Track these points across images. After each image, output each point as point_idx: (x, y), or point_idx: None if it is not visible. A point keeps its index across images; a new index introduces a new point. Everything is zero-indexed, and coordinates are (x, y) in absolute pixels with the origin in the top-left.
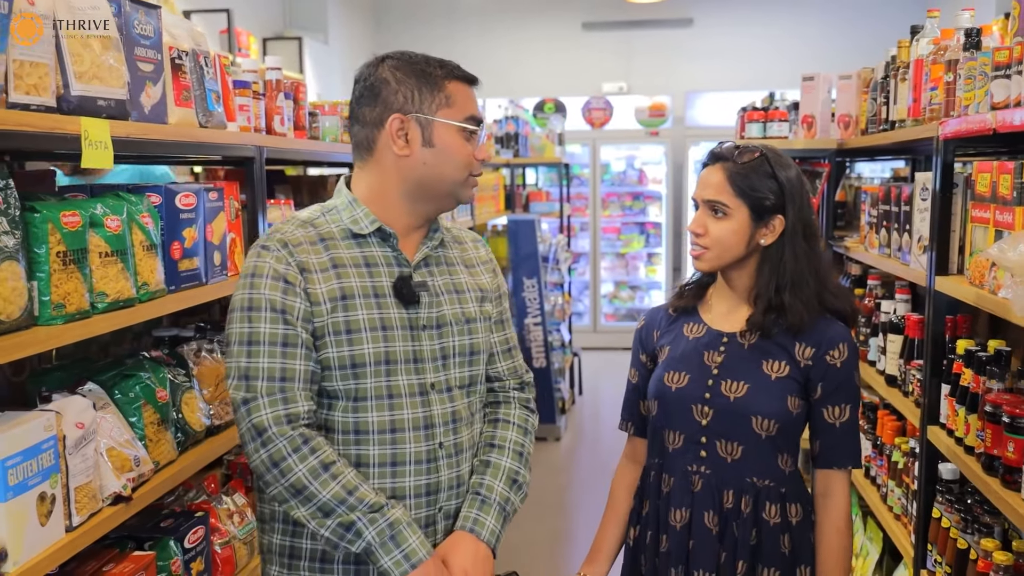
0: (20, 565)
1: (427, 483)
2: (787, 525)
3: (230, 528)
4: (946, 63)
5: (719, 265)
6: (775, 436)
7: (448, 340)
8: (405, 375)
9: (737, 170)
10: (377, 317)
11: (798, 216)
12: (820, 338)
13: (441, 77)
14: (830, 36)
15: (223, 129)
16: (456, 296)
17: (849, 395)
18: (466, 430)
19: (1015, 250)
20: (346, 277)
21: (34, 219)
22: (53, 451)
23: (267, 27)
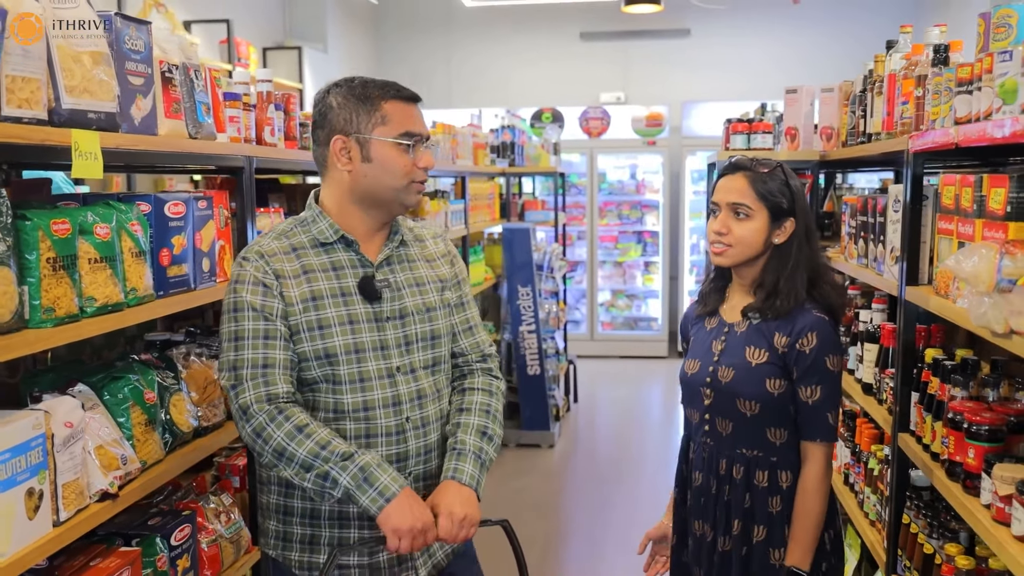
0: (7, 557)
1: (397, 452)
2: (777, 489)
3: (217, 527)
4: (916, 78)
5: (738, 261)
6: (759, 414)
7: (411, 328)
8: (374, 361)
9: (758, 177)
10: (345, 313)
11: (803, 219)
12: (793, 327)
13: (378, 98)
14: (826, 47)
15: (212, 140)
16: (417, 288)
17: (820, 377)
18: (432, 405)
19: (970, 261)
20: (315, 281)
21: (25, 226)
22: (41, 448)
23: (267, 37)
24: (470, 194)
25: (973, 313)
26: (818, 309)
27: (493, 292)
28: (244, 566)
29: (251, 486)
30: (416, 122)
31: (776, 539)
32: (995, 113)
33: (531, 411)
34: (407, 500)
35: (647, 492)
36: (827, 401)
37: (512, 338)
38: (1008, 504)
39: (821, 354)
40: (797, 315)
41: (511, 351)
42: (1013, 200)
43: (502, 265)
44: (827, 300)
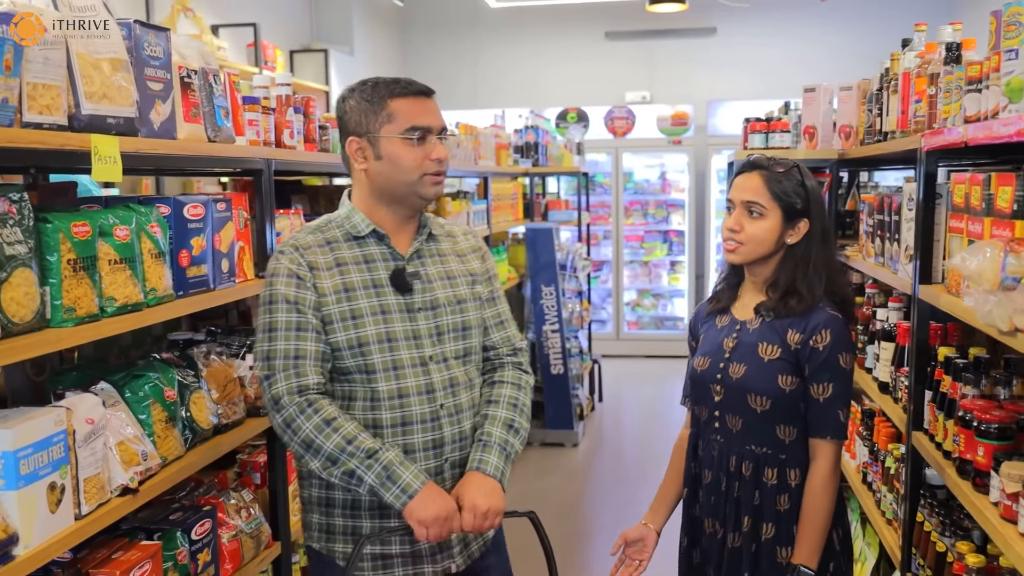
0: (31, 549)
1: (432, 439)
2: (785, 487)
3: (238, 522)
4: (929, 76)
5: (750, 259)
6: (769, 411)
7: (442, 319)
8: (406, 350)
9: (774, 176)
10: (377, 304)
11: (819, 220)
12: (807, 324)
13: (384, 97)
14: (852, 46)
15: (231, 143)
16: (448, 281)
17: (833, 374)
18: (465, 393)
19: (975, 259)
20: (348, 273)
21: (46, 229)
22: (63, 444)
23: (294, 40)
24: (492, 194)
25: (979, 311)
26: (831, 307)
27: (517, 292)
28: (264, 561)
29: (272, 482)
30: (424, 115)
31: (783, 537)
32: (1002, 112)
33: (555, 410)
34: (429, 494)
35: None
36: (838, 398)
37: (536, 337)
38: (1015, 502)
39: (835, 351)
40: (811, 312)
41: (535, 350)
42: (1020, 198)
43: (525, 265)
44: (840, 299)
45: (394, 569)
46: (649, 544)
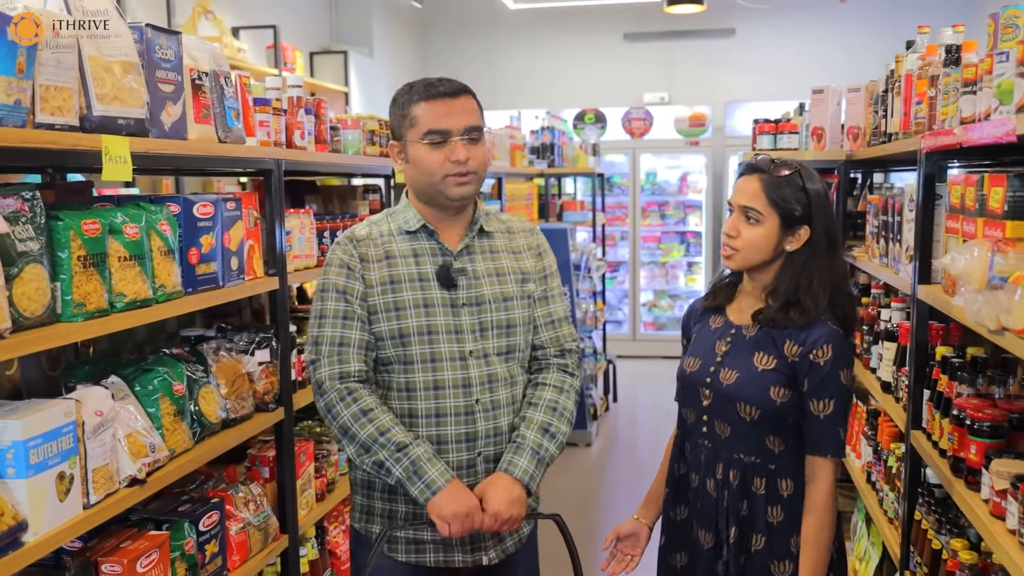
0: (39, 536)
1: (466, 432)
2: (776, 498)
3: (246, 515)
4: (929, 78)
5: (746, 265)
6: (758, 421)
7: (486, 315)
8: (446, 344)
9: (772, 181)
10: (420, 297)
11: (823, 227)
12: (807, 338)
13: (408, 103)
14: (872, 47)
15: (242, 144)
16: (497, 278)
17: (833, 391)
18: (504, 390)
19: (963, 259)
20: (396, 266)
21: (57, 226)
22: (72, 435)
23: (314, 42)
24: (507, 195)
25: (968, 310)
26: (832, 320)
27: None
28: (272, 553)
29: (280, 477)
30: (444, 118)
31: (778, 550)
32: (993, 113)
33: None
34: (452, 491)
35: None
36: (839, 416)
37: None
38: (1003, 499)
39: (836, 367)
40: (812, 325)
41: None
42: (1011, 199)
43: None
44: (843, 312)
45: (426, 555)
46: (641, 539)
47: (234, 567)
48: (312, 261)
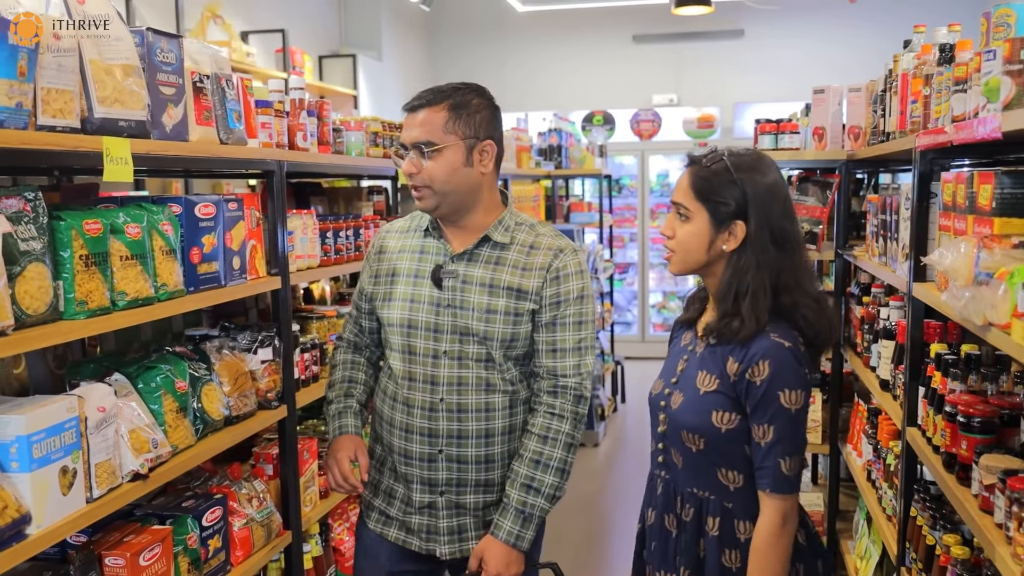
0: (43, 528)
1: (429, 427)
2: (733, 540)
3: (249, 511)
4: (924, 77)
5: (686, 268)
6: (705, 450)
7: (467, 321)
8: (423, 339)
9: (700, 174)
10: (410, 292)
11: (764, 223)
12: (747, 353)
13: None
14: (881, 47)
15: (243, 145)
16: (487, 289)
17: (773, 414)
18: (474, 394)
19: (951, 255)
20: (402, 260)
21: (59, 226)
22: (75, 430)
23: (323, 45)
24: (513, 196)
25: (955, 306)
26: (780, 333)
27: None
28: (275, 549)
29: (283, 474)
30: (403, 131)
31: None
32: (981, 111)
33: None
34: (335, 444)
35: None
36: (779, 444)
37: None
38: (992, 493)
39: (773, 387)
40: (754, 337)
41: None
42: (998, 196)
43: None
44: (805, 323)
45: (391, 529)
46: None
47: (237, 562)
48: (315, 261)
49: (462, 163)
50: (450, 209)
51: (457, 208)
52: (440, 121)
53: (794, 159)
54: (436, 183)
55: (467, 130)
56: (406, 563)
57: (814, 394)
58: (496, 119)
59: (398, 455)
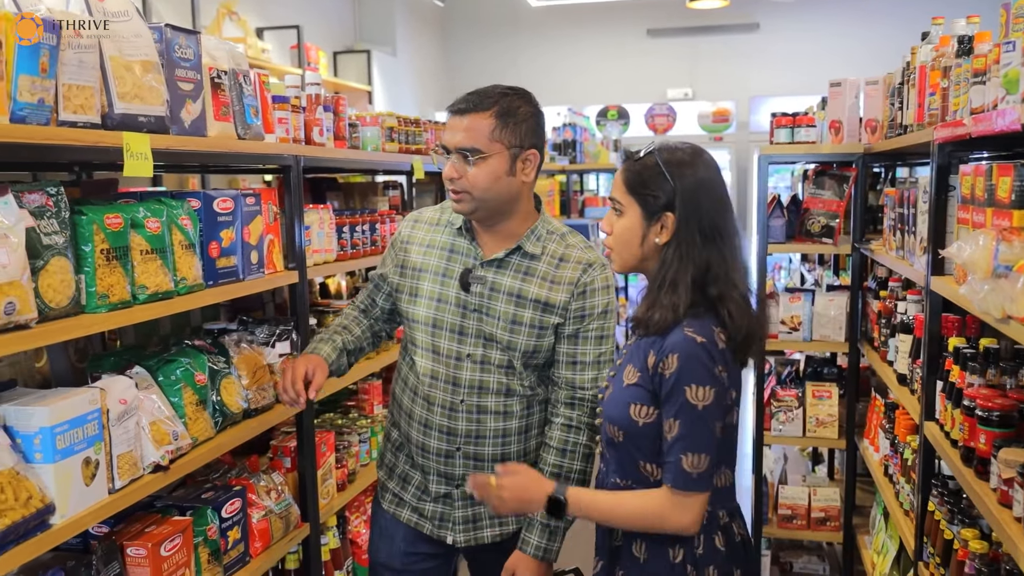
0: (66, 518)
1: (449, 426)
2: (644, 534)
3: (268, 503)
4: (942, 69)
5: (625, 265)
6: (626, 443)
7: (492, 328)
8: (447, 340)
9: (632, 168)
10: (437, 290)
11: (693, 215)
12: (662, 345)
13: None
14: (898, 40)
15: (260, 141)
16: (514, 299)
17: (678, 409)
18: (494, 397)
19: (969, 247)
20: (431, 255)
21: (81, 220)
22: (97, 422)
23: (337, 41)
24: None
25: (974, 299)
26: (696, 328)
27: None
28: (293, 540)
29: (301, 467)
30: (446, 133)
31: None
32: (1000, 103)
33: None
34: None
35: None
36: (682, 441)
37: None
38: (1011, 487)
39: (680, 382)
40: (673, 331)
41: None
42: (1017, 188)
43: None
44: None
45: (403, 511)
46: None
47: (256, 553)
48: (331, 256)
49: (505, 172)
50: (487, 215)
51: (493, 214)
52: (486, 128)
53: (811, 152)
54: (477, 190)
55: (512, 139)
56: (420, 545)
57: (830, 389)
58: (540, 126)
59: (415, 447)
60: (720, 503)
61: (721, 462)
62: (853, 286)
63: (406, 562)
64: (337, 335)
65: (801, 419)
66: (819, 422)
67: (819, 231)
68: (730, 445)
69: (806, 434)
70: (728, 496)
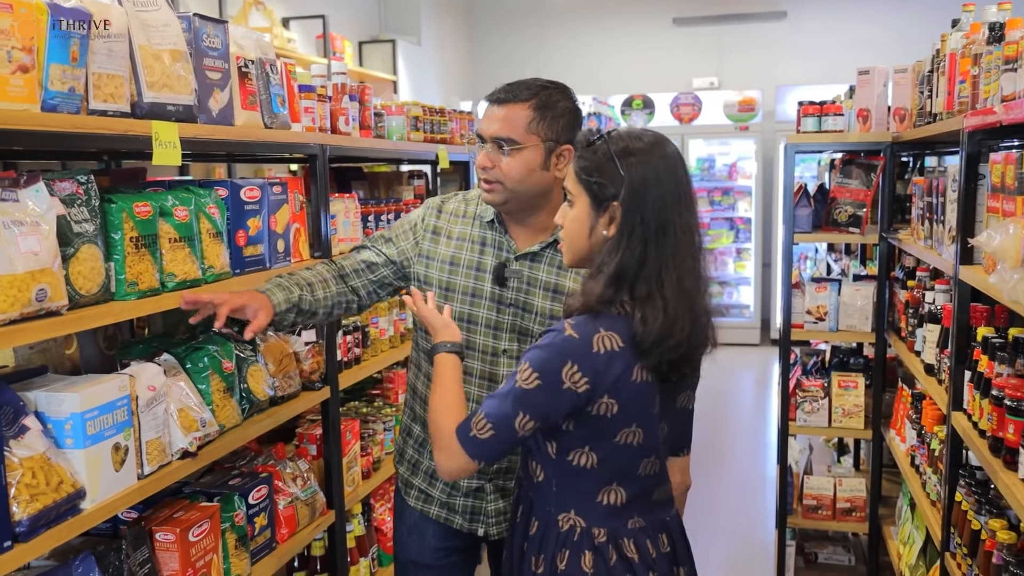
0: (97, 503)
1: None
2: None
3: (294, 490)
4: (973, 57)
5: (574, 257)
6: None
7: (529, 323)
8: (482, 336)
9: (581, 155)
10: (471, 285)
11: (637, 207)
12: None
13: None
14: (927, 28)
15: (287, 130)
16: (550, 294)
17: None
18: None
19: (999, 236)
20: (461, 249)
21: (111, 209)
22: (127, 408)
23: (362, 31)
24: None
25: (1003, 288)
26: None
27: None
28: (318, 528)
29: (326, 454)
30: (483, 122)
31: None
32: None
33: None
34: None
35: (734, 479)
36: (492, 399)
37: None
38: None
39: (526, 355)
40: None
41: None
42: None
43: None
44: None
45: (432, 507)
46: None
47: (283, 539)
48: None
49: (540, 165)
50: (518, 207)
51: (524, 207)
52: (524, 119)
53: (838, 141)
54: (510, 181)
55: (549, 132)
56: (451, 539)
57: (857, 379)
58: (577, 122)
59: None
60: (599, 520)
61: (611, 478)
62: (880, 276)
63: (436, 557)
64: (299, 288)
65: (827, 409)
66: (845, 412)
67: (846, 220)
68: (624, 461)
69: (832, 424)
70: (613, 515)
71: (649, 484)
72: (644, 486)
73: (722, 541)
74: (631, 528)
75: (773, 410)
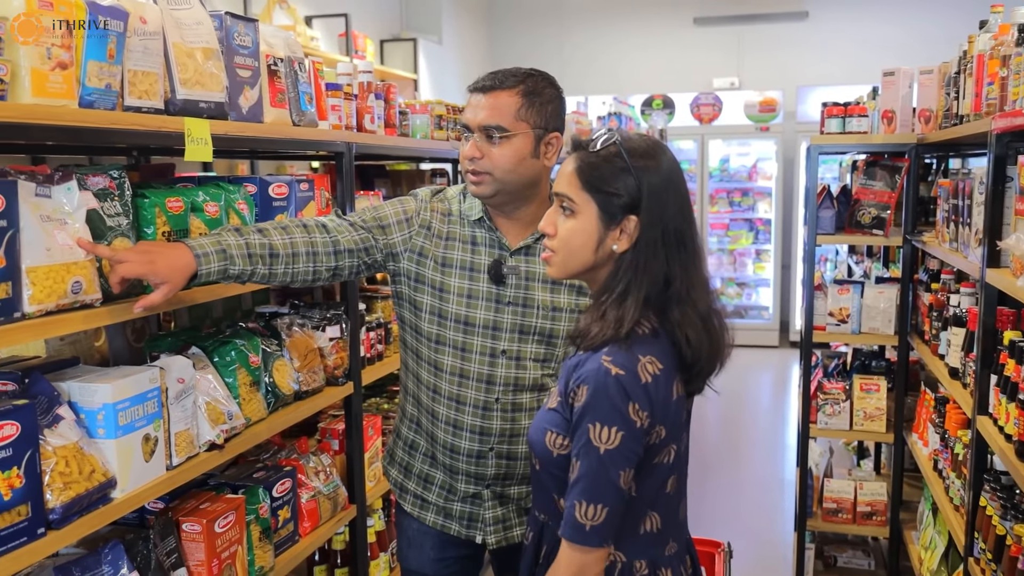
0: (127, 492)
1: (481, 425)
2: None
3: (316, 484)
4: (1001, 58)
5: (568, 272)
6: (540, 472)
7: (531, 320)
8: (480, 337)
9: (587, 159)
10: (467, 286)
11: (657, 220)
12: (581, 369)
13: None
14: (951, 28)
15: (314, 127)
16: (550, 286)
17: (580, 450)
18: (530, 393)
19: None
20: (452, 248)
21: (144, 203)
22: (157, 400)
23: (384, 29)
24: None
25: None
26: (616, 358)
27: None
28: (340, 522)
29: (349, 449)
30: (468, 112)
31: None
32: None
33: None
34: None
35: (752, 480)
36: (579, 484)
37: None
38: None
39: (585, 418)
40: (596, 351)
41: None
42: None
43: None
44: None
45: (428, 513)
46: None
47: (305, 533)
48: None
49: (529, 153)
50: (507, 199)
51: (514, 198)
52: (513, 106)
53: (862, 143)
54: (499, 171)
55: (538, 119)
56: (450, 549)
57: (879, 382)
58: (563, 111)
59: (441, 447)
60: (640, 552)
61: (648, 504)
62: (904, 278)
63: (437, 568)
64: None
65: (848, 412)
66: (867, 415)
67: (870, 222)
68: (657, 482)
69: (853, 427)
70: (652, 544)
71: (675, 502)
72: (671, 505)
73: (741, 543)
74: (667, 556)
75: (792, 412)
